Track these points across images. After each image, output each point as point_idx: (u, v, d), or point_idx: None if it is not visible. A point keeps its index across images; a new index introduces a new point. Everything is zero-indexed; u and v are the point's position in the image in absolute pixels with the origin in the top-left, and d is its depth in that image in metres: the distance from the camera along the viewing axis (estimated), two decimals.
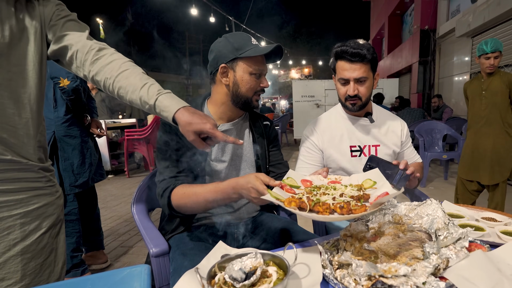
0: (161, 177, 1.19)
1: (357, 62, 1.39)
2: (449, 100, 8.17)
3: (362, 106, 1.49)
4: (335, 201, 0.89)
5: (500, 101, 2.74)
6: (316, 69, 32.27)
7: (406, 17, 13.16)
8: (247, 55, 1.17)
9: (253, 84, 1.22)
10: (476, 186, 2.94)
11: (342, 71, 1.43)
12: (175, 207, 1.13)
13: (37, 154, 0.98)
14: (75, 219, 2.17)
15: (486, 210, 1.21)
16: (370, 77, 1.44)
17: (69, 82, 2.00)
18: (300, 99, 9.78)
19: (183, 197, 1.11)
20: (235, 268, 0.74)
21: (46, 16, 0.98)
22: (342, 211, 0.84)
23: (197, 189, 1.11)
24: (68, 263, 2.10)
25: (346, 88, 1.46)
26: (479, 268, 0.73)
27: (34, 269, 0.96)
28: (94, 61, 1.00)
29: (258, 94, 1.26)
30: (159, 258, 1.09)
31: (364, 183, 1.06)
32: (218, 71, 1.22)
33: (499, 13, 5.47)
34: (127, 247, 2.86)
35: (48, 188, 1.03)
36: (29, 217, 0.95)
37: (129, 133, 5.60)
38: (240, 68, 1.20)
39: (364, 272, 0.72)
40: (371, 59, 1.40)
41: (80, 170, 2.21)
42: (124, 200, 4.28)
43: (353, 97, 1.45)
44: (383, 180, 1.03)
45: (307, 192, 0.96)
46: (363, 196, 0.94)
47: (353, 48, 1.37)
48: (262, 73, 1.23)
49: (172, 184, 1.14)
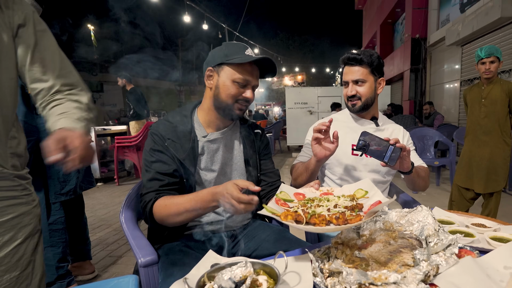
0: (144, 190, 1.18)
1: (355, 65, 1.52)
2: (440, 107, 8.28)
3: (364, 108, 1.56)
4: (330, 212, 0.89)
5: (499, 109, 2.73)
6: (309, 76, 32.50)
7: (398, 25, 13.37)
8: (233, 62, 1.18)
9: (233, 91, 1.21)
10: (473, 194, 2.94)
11: (344, 75, 1.57)
12: (158, 220, 1.13)
13: (10, 161, 0.95)
14: (61, 228, 2.11)
15: (476, 216, 1.21)
16: (369, 80, 1.53)
17: None
18: (293, 106, 9.82)
19: (164, 209, 1.11)
20: (225, 278, 0.72)
21: (14, 23, 0.95)
22: (338, 221, 0.84)
23: (177, 199, 1.11)
24: (53, 274, 2.04)
25: (346, 89, 1.57)
26: (468, 274, 0.73)
27: (9, 282, 0.92)
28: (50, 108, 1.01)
29: (242, 104, 1.24)
30: (148, 268, 1.07)
31: (356, 193, 1.07)
32: (205, 74, 1.25)
33: (487, 23, 5.60)
34: (115, 256, 2.80)
35: (24, 197, 1.00)
36: (2, 228, 0.91)
37: (119, 140, 5.54)
38: (225, 73, 1.21)
39: (354, 280, 0.71)
40: (369, 63, 1.51)
41: (66, 177, 2.14)
42: (114, 209, 4.21)
43: (351, 97, 1.55)
44: (375, 189, 1.03)
45: (302, 205, 0.96)
46: (356, 205, 0.95)
47: (351, 54, 1.52)
48: (247, 83, 1.22)
49: (153, 198, 1.14)
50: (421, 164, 1.58)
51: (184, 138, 1.23)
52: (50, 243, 2.05)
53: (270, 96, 33.02)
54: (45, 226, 2.04)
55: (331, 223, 0.86)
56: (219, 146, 1.31)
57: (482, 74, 2.72)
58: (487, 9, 5.60)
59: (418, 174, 1.45)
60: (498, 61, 2.65)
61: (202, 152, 1.28)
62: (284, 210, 0.90)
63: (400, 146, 1.16)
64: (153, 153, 1.21)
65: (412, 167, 1.34)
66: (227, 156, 1.34)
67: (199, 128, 1.29)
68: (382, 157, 1.18)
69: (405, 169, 1.30)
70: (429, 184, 1.56)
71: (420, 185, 1.51)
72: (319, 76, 37.08)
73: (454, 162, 4.63)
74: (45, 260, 1.99)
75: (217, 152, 1.31)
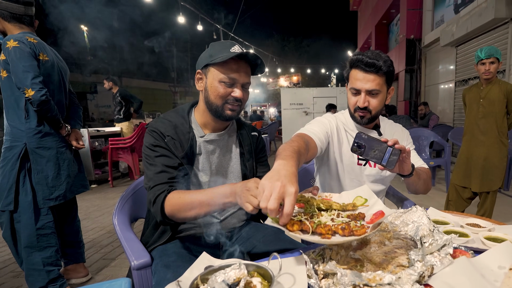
0: (151, 183, 1.14)
1: (372, 72, 1.33)
2: (435, 108, 8.32)
3: (371, 120, 1.44)
4: (334, 222, 0.89)
5: (497, 110, 2.76)
6: (304, 77, 32.61)
7: (392, 26, 13.44)
8: (215, 62, 1.16)
9: (221, 92, 1.18)
10: (470, 193, 2.96)
11: (355, 80, 1.37)
12: (168, 214, 1.08)
13: None
14: (49, 232, 2.07)
15: (471, 216, 1.21)
16: (383, 90, 1.38)
17: (34, 93, 1.88)
18: (288, 107, 9.84)
19: (177, 202, 1.06)
20: (218, 280, 0.71)
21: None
22: (344, 232, 0.84)
23: (191, 193, 1.08)
24: (44, 278, 2.02)
25: (356, 98, 1.40)
26: (463, 274, 0.72)
27: None
28: None
29: (232, 104, 1.21)
30: (141, 271, 1.06)
31: (355, 200, 1.05)
32: (195, 77, 1.24)
33: (481, 24, 5.63)
34: (109, 259, 2.78)
35: None
36: None
37: (113, 142, 5.50)
38: (211, 74, 1.20)
39: (349, 281, 0.70)
40: (387, 72, 1.35)
41: (55, 182, 2.10)
42: (108, 211, 4.18)
43: (362, 109, 1.39)
44: (374, 197, 1.02)
45: (305, 214, 0.94)
46: (358, 215, 0.94)
47: (369, 58, 1.32)
48: (234, 82, 1.19)
49: (166, 190, 1.10)
50: (421, 165, 1.49)
51: (182, 136, 1.22)
52: (38, 248, 2.02)
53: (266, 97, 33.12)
54: (33, 231, 2.01)
55: (336, 233, 0.85)
56: (216, 148, 1.30)
57: (481, 74, 2.75)
58: (481, 10, 5.65)
59: (419, 177, 1.34)
60: (498, 62, 2.68)
61: (200, 152, 1.27)
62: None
63: (399, 147, 1.06)
64: (155, 148, 1.18)
65: (412, 169, 1.24)
66: (224, 158, 1.33)
67: (197, 128, 1.28)
68: (380, 160, 1.08)
69: (405, 172, 1.20)
70: (431, 187, 1.46)
71: (421, 188, 1.40)
72: (315, 77, 37.22)
73: (450, 162, 4.65)
74: (34, 265, 2.00)
75: (213, 153, 1.30)
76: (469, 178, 2.91)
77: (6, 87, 1.98)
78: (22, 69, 1.87)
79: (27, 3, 2.03)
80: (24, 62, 1.88)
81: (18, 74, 1.88)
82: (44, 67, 2.02)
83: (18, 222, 2.02)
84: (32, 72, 1.90)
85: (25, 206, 2.00)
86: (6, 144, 2.01)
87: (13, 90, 1.96)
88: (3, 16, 1.98)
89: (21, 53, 1.89)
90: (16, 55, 1.88)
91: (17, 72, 1.88)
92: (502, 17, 5.23)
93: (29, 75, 1.88)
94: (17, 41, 1.90)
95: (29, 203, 2.01)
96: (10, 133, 2.01)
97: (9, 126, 2.02)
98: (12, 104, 1.99)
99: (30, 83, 1.88)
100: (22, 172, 2.01)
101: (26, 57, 1.90)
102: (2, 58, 1.93)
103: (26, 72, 1.88)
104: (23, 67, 1.88)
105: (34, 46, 1.97)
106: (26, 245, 2.01)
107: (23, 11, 2.01)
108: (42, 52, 2.02)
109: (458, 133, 5.00)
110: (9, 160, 1.99)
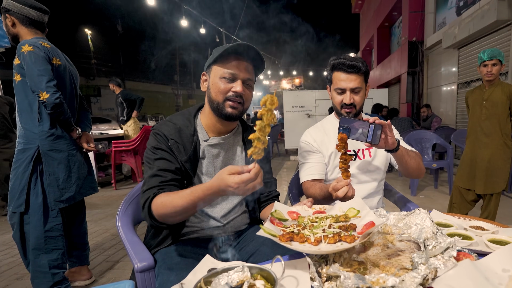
0: (144, 186, 1.15)
1: (353, 73, 1.52)
2: (437, 110, 8.30)
3: (356, 114, 1.59)
4: (325, 233, 0.92)
5: (500, 112, 2.75)
6: (306, 80, 32.55)
7: (394, 29, 13.43)
8: (216, 58, 1.19)
9: (221, 87, 1.20)
10: (474, 196, 2.94)
11: (339, 81, 1.55)
12: (157, 216, 1.08)
13: None
14: (58, 235, 2.09)
15: (474, 219, 1.21)
16: (363, 87, 1.57)
17: (48, 96, 1.93)
18: (291, 109, 9.82)
19: (162, 205, 1.06)
20: (222, 283, 0.72)
21: None
22: (333, 239, 0.88)
23: (176, 194, 1.07)
24: (49, 280, 2.02)
25: (342, 97, 1.56)
26: (467, 277, 0.72)
27: None
28: None
29: (233, 100, 1.21)
30: (144, 273, 1.06)
31: (348, 212, 1.08)
32: (201, 80, 1.28)
33: (483, 26, 5.62)
34: (112, 262, 2.78)
35: None
36: None
37: (117, 145, 5.52)
38: (213, 73, 1.22)
39: (352, 284, 0.70)
40: (365, 71, 1.54)
41: (66, 184, 2.13)
42: (111, 213, 4.18)
43: (348, 105, 1.55)
44: (366, 209, 1.04)
45: (297, 225, 1.00)
46: (350, 226, 0.96)
47: (350, 61, 1.50)
48: (234, 77, 1.20)
49: (154, 193, 1.10)
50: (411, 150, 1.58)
51: (186, 140, 1.22)
52: (45, 250, 2.03)
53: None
54: (41, 233, 2.03)
55: (325, 242, 0.88)
56: (220, 151, 1.30)
57: (484, 76, 2.74)
58: (483, 12, 5.63)
59: (407, 153, 1.43)
60: (500, 64, 2.68)
61: (203, 156, 1.27)
62: (281, 231, 0.96)
63: (380, 123, 1.21)
64: (156, 151, 1.20)
65: (398, 143, 1.34)
66: (228, 161, 1.33)
67: (202, 132, 1.29)
68: (365, 138, 1.22)
69: (391, 146, 1.29)
70: (424, 169, 1.53)
71: (413, 166, 1.46)
72: (317, 79, 37.17)
73: (452, 164, 4.64)
74: (40, 267, 2.00)
75: (217, 157, 1.30)
76: (473, 180, 2.90)
77: (20, 90, 2.02)
78: (37, 73, 1.92)
79: (46, 12, 2.12)
80: (39, 66, 1.93)
81: (33, 77, 1.93)
82: (57, 71, 2.07)
83: (28, 224, 2.03)
84: (46, 75, 1.94)
85: (35, 208, 2.03)
86: (20, 147, 2.05)
87: (27, 93, 2.00)
88: (22, 21, 2.04)
89: (36, 57, 1.94)
90: (31, 60, 1.93)
91: (32, 76, 1.93)
92: (505, 19, 5.21)
93: (44, 78, 1.93)
94: (32, 46, 1.95)
95: (39, 205, 2.03)
96: (24, 135, 2.04)
97: (22, 129, 2.05)
98: (25, 107, 2.02)
99: (45, 87, 1.93)
100: (34, 175, 2.03)
101: (40, 61, 1.94)
102: (16, 63, 1.98)
103: (41, 75, 1.93)
104: (38, 71, 1.92)
105: (48, 50, 2.02)
106: (34, 247, 2.02)
107: (42, 19, 2.10)
108: (55, 56, 2.08)
109: (461, 135, 4.98)
110: (22, 162, 2.02)
